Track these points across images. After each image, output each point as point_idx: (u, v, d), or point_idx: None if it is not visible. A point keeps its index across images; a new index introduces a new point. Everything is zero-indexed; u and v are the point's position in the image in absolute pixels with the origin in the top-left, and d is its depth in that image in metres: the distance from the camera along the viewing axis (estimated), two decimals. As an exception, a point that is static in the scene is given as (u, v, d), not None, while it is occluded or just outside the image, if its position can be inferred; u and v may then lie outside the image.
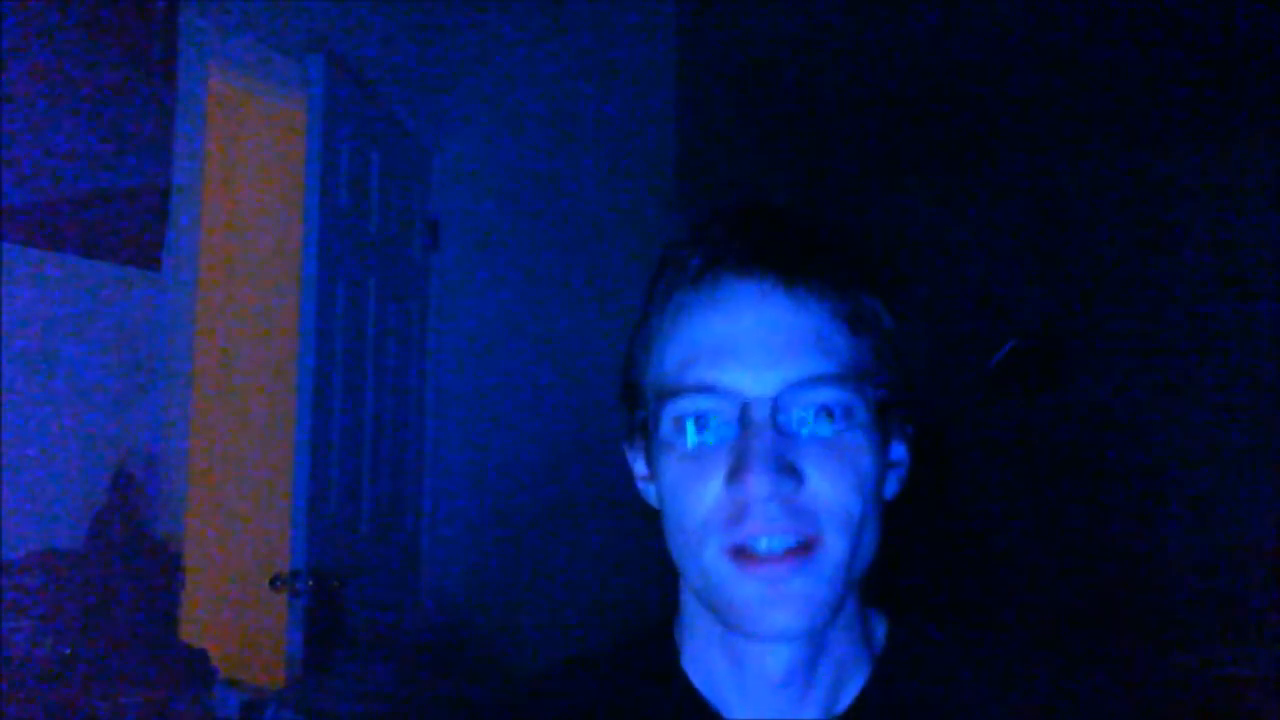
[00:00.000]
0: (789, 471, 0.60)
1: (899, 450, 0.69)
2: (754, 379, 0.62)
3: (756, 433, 0.61)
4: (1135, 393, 3.30)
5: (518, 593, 2.81)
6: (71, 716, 1.53)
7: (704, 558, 0.63)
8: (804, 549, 0.61)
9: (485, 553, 2.86)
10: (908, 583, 0.78)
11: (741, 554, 0.61)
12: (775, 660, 0.65)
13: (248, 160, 2.88)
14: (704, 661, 0.70)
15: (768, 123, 3.14)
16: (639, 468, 0.71)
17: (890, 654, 0.71)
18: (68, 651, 1.57)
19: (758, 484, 0.59)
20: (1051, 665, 0.72)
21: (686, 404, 0.63)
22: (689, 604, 0.70)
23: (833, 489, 0.61)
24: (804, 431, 0.62)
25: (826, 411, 0.62)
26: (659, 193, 2.73)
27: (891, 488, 0.68)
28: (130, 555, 1.78)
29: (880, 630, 0.73)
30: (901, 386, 0.66)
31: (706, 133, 2.85)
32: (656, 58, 2.76)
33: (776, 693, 0.67)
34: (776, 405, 0.61)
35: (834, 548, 0.61)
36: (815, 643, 0.66)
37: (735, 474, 0.60)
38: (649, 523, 0.71)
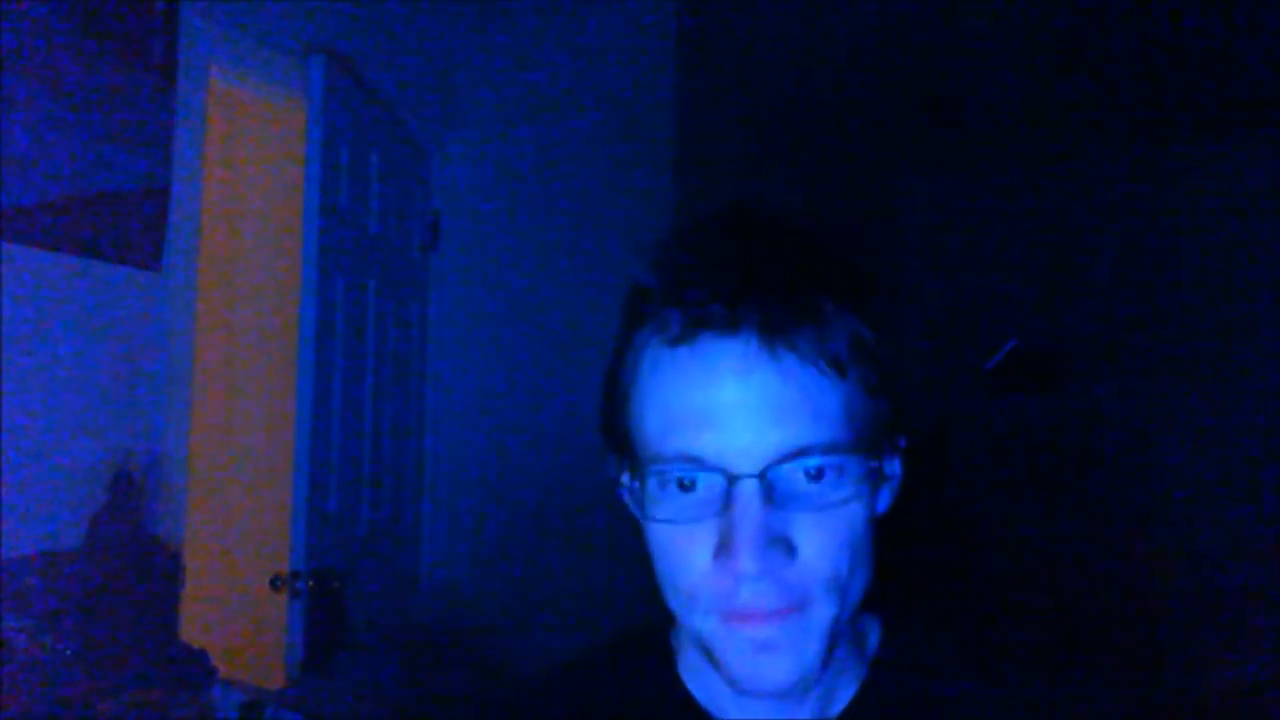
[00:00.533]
0: (778, 546, 0.59)
1: (892, 465, 0.67)
2: (740, 452, 0.59)
3: (744, 509, 0.59)
4: (1133, 395, 3.30)
5: (518, 592, 2.81)
6: (71, 716, 1.52)
7: (694, 619, 0.63)
8: (793, 610, 0.60)
9: (486, 552, 2.87)
10: (902, 585, 0.79)
11: (732, 616, 0.61)
12: None
13: (248, 160, 2.88)
14: (699, 664, 0.70)
15: (768, 122, 3.14)
16: (624, 478, 0.70)
17: (884, 658, 0.71)
18: (68, 651, 1.56)
19: (748, 563, 0.58)
20: (1045, 669, 0.72)
21: (671, 472, 0.62)
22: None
23: (822, 558, 0.60)
24: (793, 500, 0.60)
25: (816, 475, 0.60)
26: (659, 191, 2.73)
27: (884, 502, 0.67)
28: (130, 555, 1.78)
29: (874, 634, 0.73)
30: (892, 407, 0.65)
31: (706, 132, 2.85)
32: (656, 57, 2.76)
33: (771, 699, 0.67)
34: (764, 478, 0.59)
35: (822, 608, 0.61)
36: None
37: (724, 549, 0.60)
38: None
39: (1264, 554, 2.96)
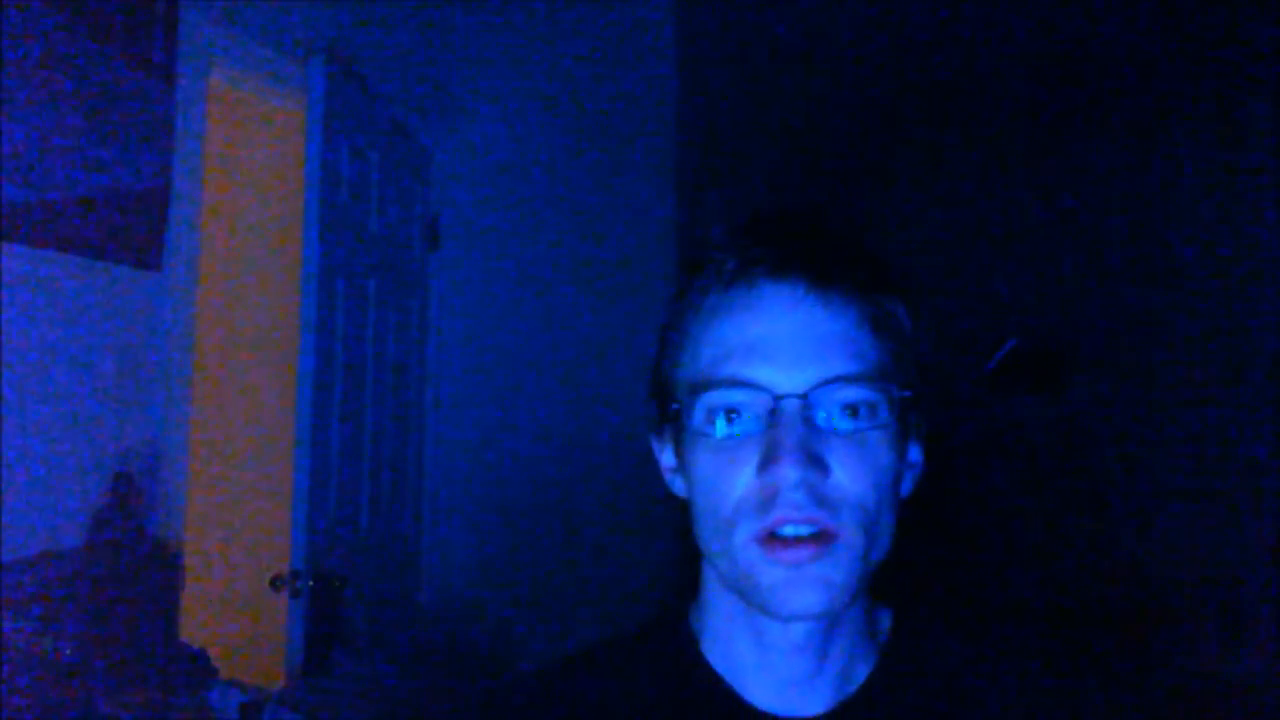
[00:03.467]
0: (816, 462, 0.64)
1: (915, 452, 0.73)
2: (785, 377, 0.66)
3: (787, 425, 0.65)
4: (1134, 394, 3.30)
5: (518, 592, 2.81)
6: (71, 716, 1.52)
7: (734, 543, 0.67)
8: (824, 537, 0.65)
9: (486, 552, 2.87)
10: (909, 580, 0.81)
11: (769, 540, 0.65)
12: (795, 627, 0.69)
13: (248, 160, 2.87)
14: (725, 644, 0.74)
15: (768, 121, 3.14)
16: (666, 459, 0.75)
17: (895, 644, 0.75)
18: (68, 651, 1.57)
19: (788, 471, 0.63)
20: (1050, 658, 0.76)
21: (719, 397, 0.67)
22: (711, 588, 0.74)
23: (852, 482, 0.65)
24: (830, 427, 0.66)
25: (851, 409, 0.66)
26: (659, 190, 2.74)
27: (907, 487, 0.72)
28: (130, 555, 1.78)
29: (885, 623, 0.77)
30: (918, 387, 0.70)
31: (706, 130, 2.85)
32: (656, 55, 2.76)
33: (794, 666, 0.71)
34: (806, 401, 0.65)
35: (851, 538, 0.65)
36: (830, 620, 0.70)
37: (767, 463, 0.65)
38: (649, 523, 0.72)
39: (1264, 551, 2.96)
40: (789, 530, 0.64)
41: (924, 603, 0.78)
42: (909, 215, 3.60)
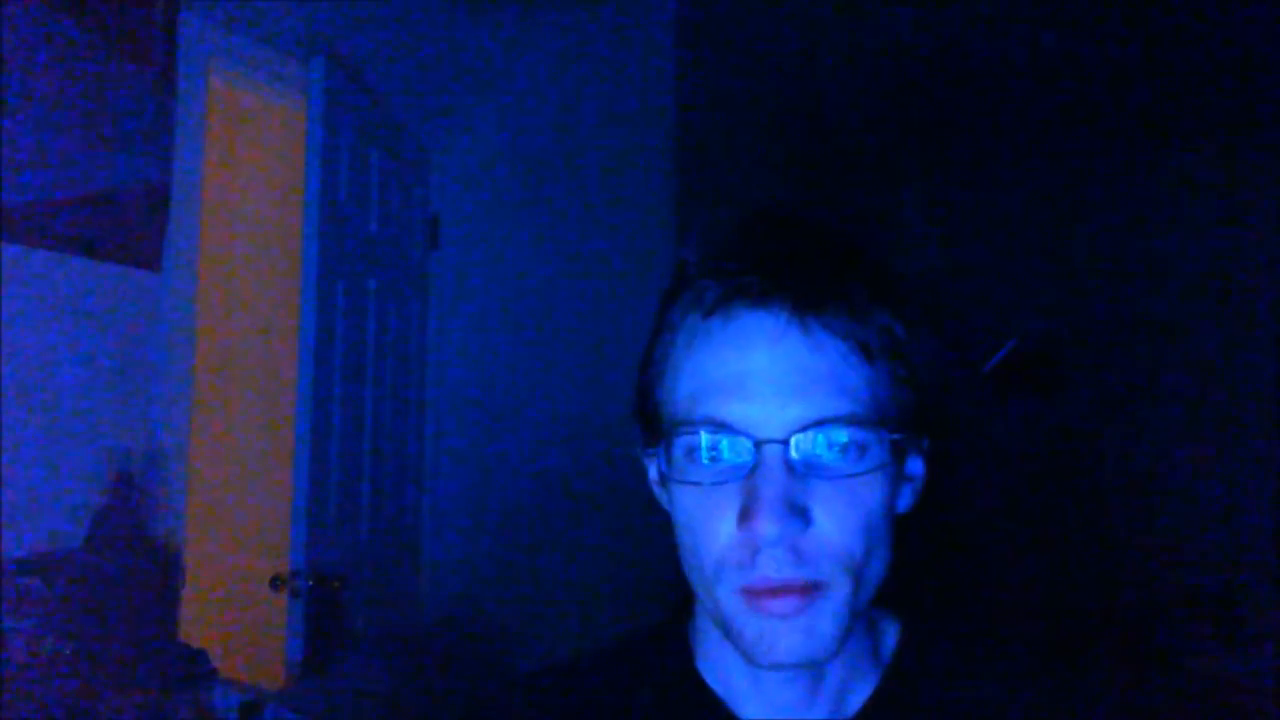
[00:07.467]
0: (797, 514, 0.60)
1: (915, 465, 0.68)
2: (766, 419, 0.61)
3: (767, 475, 0.60)
4: (1135, 395, 3.30)
5: (518, 593, 2.81)
6: (71, 716, 1.52)
7: (717, 593, 0.63)
8: (810, 588, 0.61)
9: (485, 553, 2.87)
10: (905, 583, 0.79)
11: (752, 592, 0.62)
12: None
13: (248, 160, 2.87)
14: (718, 664, 0.72)
15: (767, 121, 3.14)
16: (652, 471, 0.71)
17: (901, 661, 0.72)
18: (68, 651, 1.56)
19: (766, 529, 0.59)
20: (1061, 674, 0.72)
21: (698, 438, 0.63)
22: (703, 610, 0.71)
23: (838, 531, 0.61)
24: (814, 470, 0.61)
25: (840, 448, 0.61)
26: (659, 190, 2.73)
27: (905, 502, 0.68)
28: (130, 555, 1.78)
29: (891, 636, 0.73)
30: (918, 403, 0.66)
31: (705, 130, 2.85)
32: (656, 57, 2.76)
33: (787, 695, 0.69)
34: (788, 446, 0.61)
35: (838, 589, 0.62)
36: None
37: (746, 516, 0.61)
38: (650, 523, 0.72)
39: (1264, 551, 2.96)
40: (773, 582, 0.61)
41: (932, 613, 0.74)
42: (908, 217, 3.60)
